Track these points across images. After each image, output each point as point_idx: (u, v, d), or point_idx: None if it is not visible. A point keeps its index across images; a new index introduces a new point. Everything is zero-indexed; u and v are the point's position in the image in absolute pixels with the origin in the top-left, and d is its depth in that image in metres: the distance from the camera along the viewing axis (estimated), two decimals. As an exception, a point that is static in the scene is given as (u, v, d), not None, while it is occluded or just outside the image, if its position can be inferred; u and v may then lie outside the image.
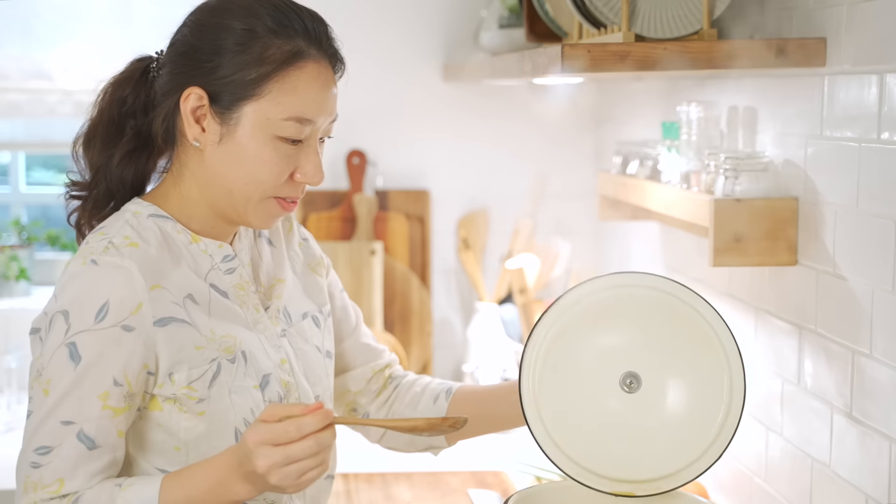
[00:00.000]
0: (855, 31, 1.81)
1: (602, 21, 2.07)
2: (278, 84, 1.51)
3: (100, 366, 1.47)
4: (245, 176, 1.53)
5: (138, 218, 1.56)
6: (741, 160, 2.01)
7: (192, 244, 1.57)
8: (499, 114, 3.39)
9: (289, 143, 1.53)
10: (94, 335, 1.46)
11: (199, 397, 1.52)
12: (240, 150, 1.52)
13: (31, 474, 1.48)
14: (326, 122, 1.56)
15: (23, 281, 3.42)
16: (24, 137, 3.47)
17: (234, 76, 1.51)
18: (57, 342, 1.47)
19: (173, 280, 1.53)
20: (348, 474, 2.56)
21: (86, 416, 1.47)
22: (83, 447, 1.47)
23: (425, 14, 3.32)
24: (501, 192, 3.40)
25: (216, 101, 1.52)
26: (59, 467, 1.47)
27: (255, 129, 1.52)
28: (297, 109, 1.51)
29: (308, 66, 1.53)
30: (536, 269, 3.20)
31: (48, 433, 1.48)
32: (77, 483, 1.47)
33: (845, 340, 1.87)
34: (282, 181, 1.54)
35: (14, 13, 3.35)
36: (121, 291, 1.47)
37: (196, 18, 1.57)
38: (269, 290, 1.66)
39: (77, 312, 1.47)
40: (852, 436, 1.85)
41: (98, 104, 1.63)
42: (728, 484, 2.38)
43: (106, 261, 1.49)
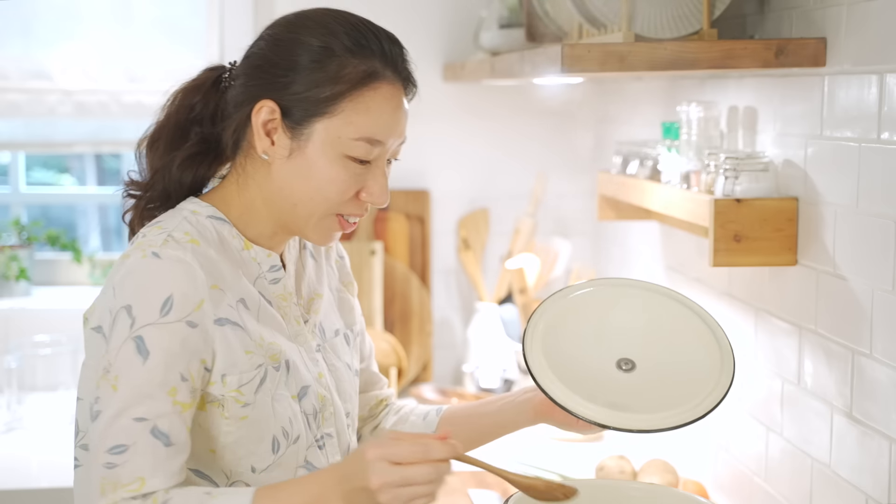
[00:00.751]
0: (855, 31, 1.81)
1: (602, 21, 2.07)
2: (352, 103, 1.51)
3: (168, 360, 1.44)
4: (311, 192, 1.54)
5: (197, 217, 1.56)
6: (741, 160, 2.01)
7: (243, 250, 1.58)
8: (499, 114, 3.39)
9: (357, 163, 1.53)
10: (161, 329, 1.44)
11: (245, 401, 1.51)
12: (308, 165, 1.53)
13: (108, 475, 1.41)
14: (396, 144, 1.57)
15: (23, 281, 3.42)
16: (23, 137, 3.47)
17: (308, 92, 1.52)
18: (123, 337, 1.44)
19: (229, 282, 1.52)
20: None
21: (158, 411, 1.43)
22: (159, 444, 1.42)
23: (425, 14, 3.32)
24: (501, 192, 3.40)
25: (288, 116, 1.53)
26: (137, 465, 1.41)
27: (325, 146, 1.52)
28: (368, 130, 1.52)
29: (382, 88, 1.53)
30: (536, 269, 3.20)
31: (121, 431, 1.42)
32: (158, 482, 1.41)
33: (845, 340, 1.87)
34: (347, 199, 1.55)
35: (14, 13, 3.35)
36: (184, 286, 1.46)
37: (273, 32, 1.57)
38: (309, 304, 1.67)
39: (141, 306, 1.44)
40: (852, 436, 1.85)
41: (166, 108, 1.63)
42: (728, 484, 2.38)
43: (168, 254, 1.47)
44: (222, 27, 3.38)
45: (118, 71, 3.39)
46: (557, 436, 2.87)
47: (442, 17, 3.33)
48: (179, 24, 3.42)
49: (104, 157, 4.24)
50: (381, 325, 3.25)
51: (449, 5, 3.33)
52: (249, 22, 3.39)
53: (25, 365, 3.15)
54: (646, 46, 1.92)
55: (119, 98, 3.38)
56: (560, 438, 2.87)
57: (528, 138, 3.40)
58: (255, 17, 3.39)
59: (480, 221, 3.38)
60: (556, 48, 1.95)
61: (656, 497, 1.70)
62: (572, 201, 3.42)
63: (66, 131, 3.46)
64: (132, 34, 3.40)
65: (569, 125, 3.40)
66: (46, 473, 2.70)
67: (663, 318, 1.66)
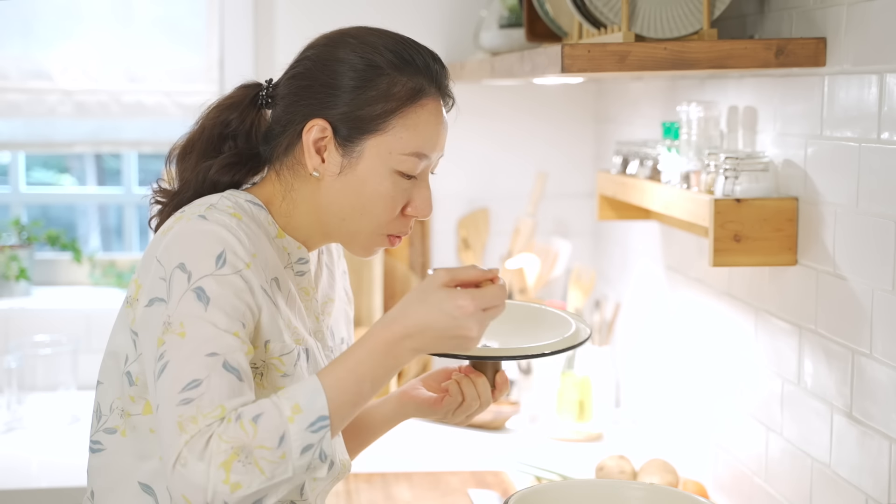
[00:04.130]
0: (855, 30, 1.81)
1: (602, 21, 2.07)
2: (401, 120, 1.56)
3: (228, 308, 1.45)
4: (361, 207, 1.57)
5: (236, 198, 1.58)
6: (741, 160, 2.01)
7: (276, 238, 1.60)
8: (499, 114, 3.39)
9: (405, 178, 1.57)
10: (218, 279, 1.45)
11: (285, 372, 1.53)
12: (359, 182, 1.56)
13: (185, 411, 1.39)
14: (437, 158, 1.62)
15: (23, 281, 3.42)
16: (23, 137, 3.47)
17: (359, 111, 1.55)
18: (182, 290, 1.45)
19: (267, 259, 1.55)
20: (348, 474, 2.56)
21: (228, 347, 1.43)
22: (233, 377, 1.42)
23: (425, 14, 3.32)
24: (501, 192, 3.40)
25: (339, 134, 1.56)
26: (214, 395, 1.40)
27: (376, 162, 1.55)
28: (417, 145, 1.56)
29: (429, 104, 1.58)
30: (536, 269, 3.20)
31: (194, 368, 1.41)
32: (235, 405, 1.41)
33: (845, 340, 1.87)
34: (395, 215, 1.58)
35: (14, 13, 3.35)
36: (234, 244, 1.48)
37: (318, 53, 1.59)
38: (322, 307, 1.70)
39: (195, 261, 1.46)
40: (852, 436, 1.85)
41: (201, 121, 1.65)
42: (728, 484, 2.38)
43: (214, 217, 1.50)
44: (222, 27, 3.38)
45: (118, 71, 3.39)
46: (557, 436, 2.88)
47: (442, 17, 3.33)
48: (180, 23, 3.42)
49: (104, 157, 4.24)
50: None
51: (449, 5, 3.33)
52: (249, 22, 3.39)
53: (25, 365, 3.15)
54: (646, 46, 1.92)
55: (119, 98, 3.38)
56: (559, 438, 2.87)
57: (528, 138, 3.40)
58: (255, 17, 3.39)
59: (480, 221, 3.38)
60: (556, 48, 1.95)
61: (656, 497, 1.70)
62: (572, 201, 3.43)
63: (66, 131, 3.46)
64: (132, 34, 3.40)
65: (569, 125, 3.41)
66: (46, 473, 2.70)
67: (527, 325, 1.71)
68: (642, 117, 2.89)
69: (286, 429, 1.39)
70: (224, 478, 1.36)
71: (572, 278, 3.08)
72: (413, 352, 1.45)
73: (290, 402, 1.41)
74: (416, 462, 2.69)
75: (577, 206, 3.42)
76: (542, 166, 3.40)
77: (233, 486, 1.37)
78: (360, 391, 1.44)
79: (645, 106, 2.87)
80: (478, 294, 1.43)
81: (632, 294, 3.03)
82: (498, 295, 1.44)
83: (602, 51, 1.92)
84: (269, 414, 1.39)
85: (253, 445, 1.38)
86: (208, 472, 1.36)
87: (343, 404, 1.43)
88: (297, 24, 3.28)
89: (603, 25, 2.09)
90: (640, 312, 2.96)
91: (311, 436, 1.40)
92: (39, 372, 3.17)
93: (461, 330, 1.42)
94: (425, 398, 1.71)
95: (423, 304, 1.43)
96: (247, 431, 1.38)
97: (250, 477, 1.37)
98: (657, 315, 2.82)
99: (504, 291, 1.45)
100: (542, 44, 2.57)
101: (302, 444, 1.40)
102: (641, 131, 2.88)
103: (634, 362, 3.02)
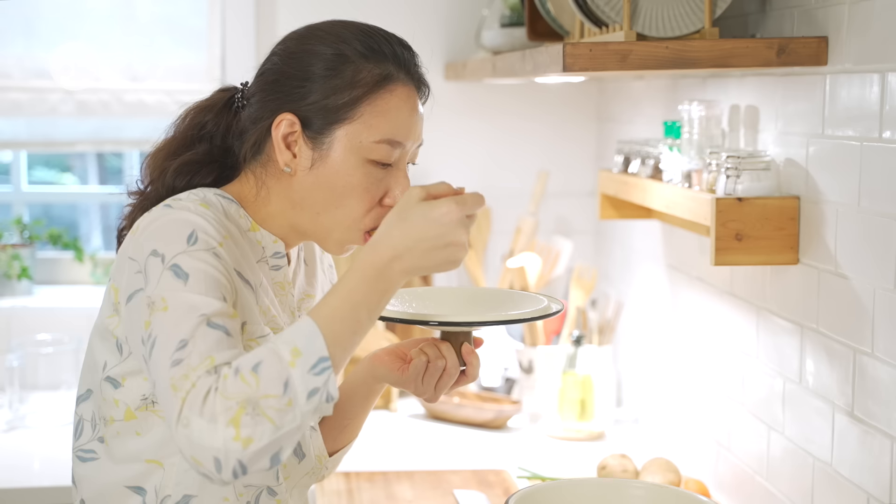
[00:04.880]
0: (856, 29, 1.81)
1: (604, 20, 2.07)
2: (370, 107, 1.54)
3: (207, 280, 1.43)
4: (335, 200, 1.55)
5: (205, 193, 1.57)
6: (743, 159, 2.01)
7: (249, 231, 1.59)
8: (500, 113, 3.39)
9: (379, 167, 1.55)
10: (192, 255, 1.44)
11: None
12: (331, 174, 1.54)
13: (175, 371, 1.37)
14: (414, 147, 1.60)
15: (24, 280, 3.42)
16: (25, 136, 3.47)
17: (326, 101, 1.54)
18: (158, 272, 1.44)
19: (233, 252, 1.53)
20: (350, 473, 2.56)
21: (212, 309, 1.41)
22: (220, 332, 1.40)
23: (427, 13, 3.32)
24: (503, 191, 3.40)
25: (308, 127, 1.55)
26: (203, 349, 1.38)
27: (347, 152, 1.54)
28: (388, 131, 1.54)
29: (398, 90, 1.56)
30: (538, 268, 3.20)
31: (180, 331, 1.40)
32: (227, 358, 1.39)
33: (847, 339, 1.87)
34: (370, 207, 1.56)
35: (16, 12, 3.36)
36: (203, 225, 1.47)
37: (285, 47, 1.60)
38: (299, 303, 1.69)
39: (166, 243, 1.45)
40: (854, 435, 1.85)
41: (176, 125, 1.65)
42: (729, 483, 2.38)
43: (181, 205, 1.50)
44: (224, 26, 3.38)
45: (120, 70, 3.39)
46: (559, 435, 2.88)
47: (443, 16, 3.33)
48: (181, 23, 3.42)
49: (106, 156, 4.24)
50: (381, 324, 3.25)
51: (450, 4, 3.33)
52: (251, 21, 3.39)
53: (27, 364, 3.15)
54: (647, 45, 1.92)
55: (121, 97, 3.38)
56: (561, 437, 2.87)
57: (530, 137, 3.40)
58: (257, 17, 3.39)
59: (482, 220, 3.38)
60: (558, 47, 1.95)
61: (658, 496, 1.70)
62: (574, 200, 3.43)
63: (67, 130, 3.46)
64: (134, 33, 3.40)
65: (570, 124, 3.41)
66: (48, 472, 2.70)
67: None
68: (644, 116, 2.89)
69: (289, 374, 1.36)
70: (234, 434, 1.33)
71: (574, 277, 3.08)
72: (403, 273, 1.42)
73: (289, 345, 1.37)
74: (418, 461, 2.69)
75: (579, 205, 3.42)
76: (543, 165, 3.40)
77: (245, 442, 1.33)
78: (357, 319, 1.41)
79: (646, 105, 2.87)
80: (460, 199, 1.43)
81: (633, 293, 3.03)
82: (477, 201, 1.44)
83: (604, 50, 1.92)
84: (268, 361, 1.36)
85: (258, 396, 1.34)
86: (215, 430, 1.33)
87: (341, 336, 1.40)
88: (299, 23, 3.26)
89: (605, 24, 2.09)
90: (641, 311, 2.96)
91: (314, 378, 1.37)
92: (41, 371, 3.18)
93: (451, 236, 1.42)
94: (394, 360, 1.66)
95: (406, 220, 1.41)
96: (248, 383, 1.35)
97: (261, 429, 1.34)
98: (659, 314, 2.82)
99: (480, 196, 1.45)
100: (544, 43, 2.57)
101: (307, 387, 1.36)
102: (643, 130, 2.88)
103: (636, 361, 3.02)
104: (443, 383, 1.61)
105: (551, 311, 1.61)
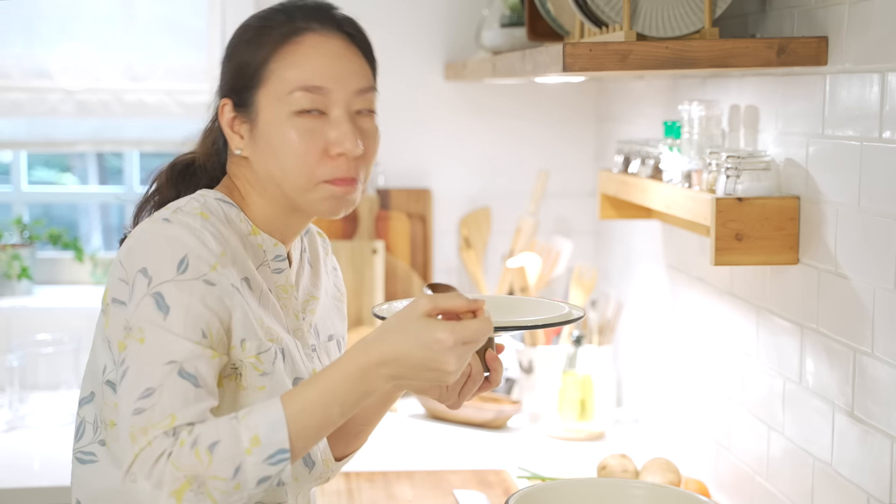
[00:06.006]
0: (856, 29, 1.81)
1: (604, 20, 2.07)
2: (279, 62, 1.54)
3: (188, 316, 1.44)
4: (280, 164, 1.54)
5: (205, 197, 1.58)
6: (743, 159, 2.01)
7: (250, 235, 1.59)
8: (500, 113, 3.39)
9: (308, 117, 1.53)
10: (179, 286, 1.44)
11: (263, 370, 1.52)
12: (267, 139, 1.55)
13: (136, 421, 1.39)
14: (349, 91, 1.55)
15: (24, 280, 3.42)
16: (25, 136, 3.47)
17: (241, 73, 1.56)
18: (141, 294, 1.44)
19: (237, 258, 1.53)
20: (350, 473, 2.56)
21: (184, 354, 1.42)
22: (188, 384, 1.41)
23: (427, 13, 3.32)
24: (503, 191, 3.40)
25: (238, 104, 1.57)
26: (167, 405, 1.39)
27: (272, 112, 1.54)
28: (300, 79, 1.53)
29: (307, 39, 1.55)
30: (538, 268, 3.20)
31: (149, 377, 1.41)
32: (190, 417, 1.40)
33: (847, 339, 1.87)
34: (316, 157, 1.53)
35: (16, 12, 3.35)
36: (197, 248, 1.47)
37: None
38: (304, 305, 1.69)
39: (156, 266, 1.45)
40: (854, 435, 1.85)
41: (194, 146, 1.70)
42: (729, 483, 2.38)
43: (177, 219, 1.49)
44: (224, 26, 3.38)
45: (120, 70, 3.39)
46: (559, 435, 2.88)
47: (443, 16, 3.33)
48: (181, 23, 3.42)
49: (106, 156, 4.24)
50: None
51: (450, 4, 3.33)
52: (251, 21, 3.38)
53: (27, 364, 3.15)
54: (647, 45, 1.92)
55: (121, 97, 3.38)
56: (561, 437, 2.87)
57: (530, 137, 3.40)
58: (257, 16, 3.39)
59: (482, 220, 3.38)
60: (558, 47, 1.95)
61: (658, 496, 1.70)
62: (574, 200, 3.43)
63: (67, 130, 3.46)
64: (134, 33, 3.39)
65: (570, 124, 3.41)
66: (48, 472, 2.70)
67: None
68: (644, 116, 2.89)
69: (242, 461, 1.37)
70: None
71: (574, 277, 3.08)
72: (389, 379, 1.40)
73: (250, 431, 1.38)
74: (418, 461, 2.69)
75: (579, 205, 3.42)
76: (543, 165, 3.40)
77: None
78: (328, 415, 1.41)
79: (646, 105, 2.87)
80: (458, 327, 1.37)
81: (633, 293, 3.03)
82: (480, 329, 1.38)
83: (604, 50, 1.92)
84: (225, 443, 1.37)
85: (207, 476, 1.36)
86: (157, 497, 1.36)
87: (308, 429, 1.40)
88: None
89: (604, 24, 2.09)
90: (641, 311, 2.96)
91: (268, 468, 1.38)
92: (41, 371, 3.18)
93: (437, 363, 1.37)
94: None
95: (402, 332, 1.39)
96: (201, 460, 1.36)
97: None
98: (659, 314, 2.82)
99: (487, 325, 1.39)
100: (544, 43, 2.57)
101: (258, 475, 1.38)
102: (643, 130, 2.88)
103: (636, 361, 3.02)
104: (467, 390, 1.61)
105: (576, 317, 1.58)
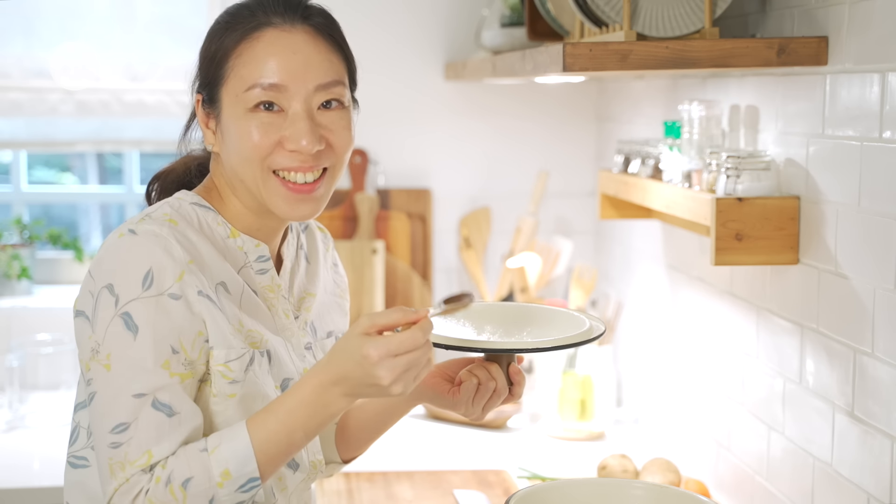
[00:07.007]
0: (856, 29, 1.81)
1: (604, 20, 2.07)
2: (237, 60, 1.55)
3: (157, 334, 1.45)
4: (239, 157, 1.55)
5: (180, 202, 1.58)
6: (743, 159, 2.01)
7: (229, 238, 1.59)
8: (500, 112, 3.39)
9: (265, 112, 1.53)
10: (146, 303, 1.45)
11: (233, 378, 1.52)
12: (228, 133, 1.56)
13: (114, 455, 1.44)
14: (309, 87, 1.54)
15: (24, 280, 3.42)
16: (25, 136, 3.47)
17: (206, 69, 1.58)
18: (109, 315, 1.45)
19: (207, 264, 1.53)
20: (349, 473, 2.56)
21: (156, 384, 1.44)
22: (162, 415, 1.44)
23: (427, 13, 3.32)
24: (503, 191, 3.40)
25: (207, 101, 1.59)
26: (142, 440, 1.43)
27: (231, 108, 1.55)
28: (255, 76, 1.53)
29: (265, 35, 1.54)
30: (538, 268, 3.20)
31: (121, 409, 1.44)
32: (165, 451, 1.44)
33: (847, 339, 1.87)
34: (266, 151, 1.53)
35: (16, 12, 3.36)
36: (161, 259, 1.47)
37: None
38: (300, 303, 1.68)
39: (122, 283, 1.46)
40: (854, 435, 1.85)
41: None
42: (729, 483, 2.38)
43: (143, 229, 1.49)
44: (224, 26, 3.38)
45: (120, 70, 3.39)
46: (559, 435, 2.88)
47: (443, 16, 3.33)
48: (181, 23, 3.42)
49: (106, 156, 4.24)
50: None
51: (450, 4, 3.33)
52: (251, 21, 3.38)
53: (27, 364, 3.15)
54: (647, 45, 1.92)
55: (121, 97, 3.38)
56: (561, 437, 2.87)
57: (530, 137, 3.40)
58: (257, 16, 3.39)
59: (482, 220, 3.38)
60: (558, 47, 1.95)
61: (658, 496, 1.70)
62: (574, 200, 3.43)
63: (67, 130, 3.46)
64: (134, 33, 3.40)
65: (570, 124, 3.41)
66: (48, 472, 2.70)
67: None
68: (644, 116, 2.89)
69: (214, 493, 1.43)
70: None
71: (574, 277, 3.08)
72: (344, 397, 1.42)
73: (220, 465, 1.43)
74: (418, 461, 2.69)
75: (579, 205, 3.42)
76: (543, 165, 3.40)
77: None
78: (291, 441, 1.45)
79: (646, 105, 2.87)
80: (382, 342, 1.38)
81: (633, 293, 3.03)
82: (412, 339, 1.38)
83: (604, 50, 1.92)
84: (198, 479, 1.42)
85: None
86: None
87: (275, 456, 1.45)
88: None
89: (605, 24, 2.09)
90: (641, 311, 2.96)
91: (241, 495, 1.45)
92: (41, 371, 3.18)
93: (371, 378, 1.39)
94: (440, 382, 1.67)
95: (342, 352, 1.41)
96: (175, 497, 1.42)
97: None
98: (659, 314, 2.82)
99: (416, 335, 1.38)
100: (544, 42, 2.57)
101: (232, 502, 1.44)
102: (643, 130, 2.88)
103: (636, 361, 3.02)
104: (491, 403, 1.63)
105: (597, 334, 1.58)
